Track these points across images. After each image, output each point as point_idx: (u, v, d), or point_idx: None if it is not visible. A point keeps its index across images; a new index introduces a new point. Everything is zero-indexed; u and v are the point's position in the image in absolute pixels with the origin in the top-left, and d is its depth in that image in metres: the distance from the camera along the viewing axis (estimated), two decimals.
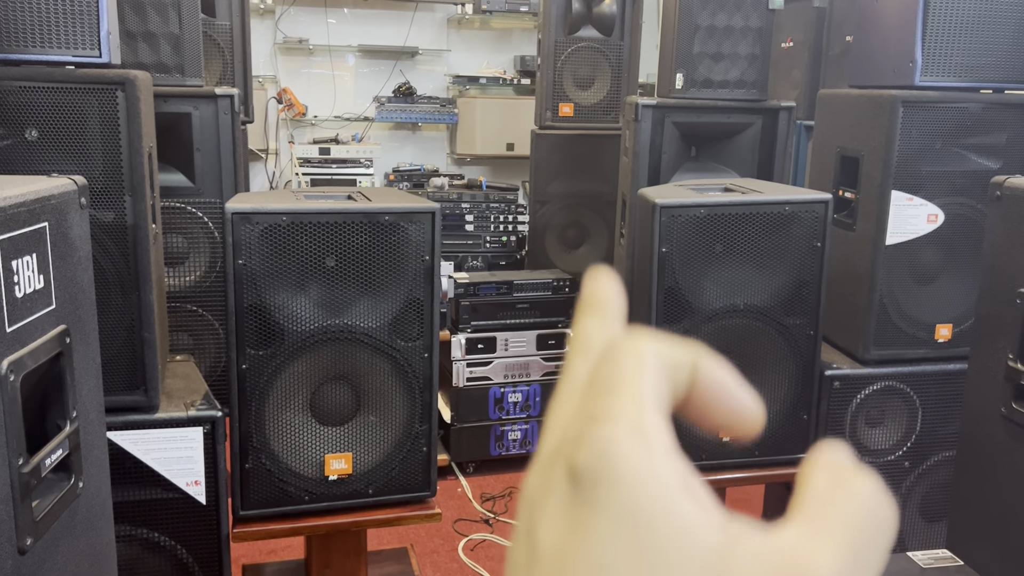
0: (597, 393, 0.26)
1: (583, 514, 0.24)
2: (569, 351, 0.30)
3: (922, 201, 2.12)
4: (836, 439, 0.28)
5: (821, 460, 0.26)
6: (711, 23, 2.67)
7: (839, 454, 0.27)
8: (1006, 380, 1.41)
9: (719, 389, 0.27)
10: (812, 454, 0.27)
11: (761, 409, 0.28)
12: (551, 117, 3.70)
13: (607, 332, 0.30)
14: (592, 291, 0.31)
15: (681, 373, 0.27)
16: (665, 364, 0.26)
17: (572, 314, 2.99)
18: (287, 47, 4.62)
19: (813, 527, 0.24)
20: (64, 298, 1.03)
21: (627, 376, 0.26)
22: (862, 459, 2.18)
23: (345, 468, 1.92)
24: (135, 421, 1.79)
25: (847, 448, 0.27)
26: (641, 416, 0.25)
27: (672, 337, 0.27)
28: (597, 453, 0.24)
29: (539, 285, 3.06)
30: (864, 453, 2.21)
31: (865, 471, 0.26)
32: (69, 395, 1.05)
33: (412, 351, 1.91)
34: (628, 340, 0.27)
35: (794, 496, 0.26)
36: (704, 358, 0.27)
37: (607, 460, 0.24)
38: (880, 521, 0.25)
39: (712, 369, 0.27)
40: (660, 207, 1.96)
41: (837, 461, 0.26)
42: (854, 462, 0.26)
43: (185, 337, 2.61)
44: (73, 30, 1.67)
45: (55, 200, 1.01)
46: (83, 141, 1.68)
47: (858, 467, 0.26)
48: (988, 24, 2.09)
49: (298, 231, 1.80)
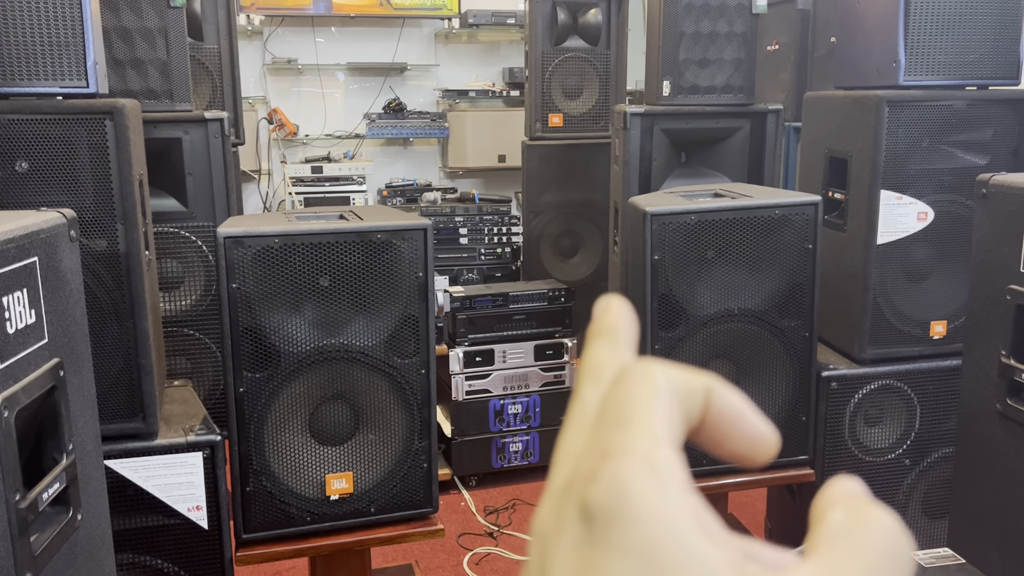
0: (609, 426, 0.25)
1: (597, 554, 0.23)
2: (579, 378, 0.30)
3: (911, 199, 2.13)
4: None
5: (835, 493, 0.26)
6: (696, 29, 2.69)
7: (853, 487, 0.26)
8: (1000, 377, 1.41)
9: (733, 416, 0.27)
10: (825, 488, 0.26)
11: (775, 435, 0.27)
12: (541, 128, 3.72)
13: (618, 359, 0.29)
14: (603, 318, 0.31)
15: (694, 401, 0.26)
16: (678, 392, 0.26)
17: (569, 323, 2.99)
18: (276, 67, 4.64)
19: (830, 565, 0.24)
20: (56, 331, 1.03)
21: (639, 408, 0.25)
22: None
23: (346, 487, 1.92)
24: (134, 448, 1.79)
25: (860, 482, 0.27)
26: (655, 451, 0.24)
27: (682, 366, 0.27)
28: (611, 491, 0.23)
29: (535, 296, 3.07)
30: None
31: (880, 506, 0.26)
32: (65, 428, 1.05)
33: (409, 368, 1.92)
34: (639, 368, 0.26)
35: (809, 532, 0.25)
36: (717, 385, 0.27)
37: (621, 498, 0.23)
38: (899, 557, 0.24)
39: (725, 396, 0.27)
40: (651, 215, 1.97)
41: (852, 494, 0.26)
42: (868, 496, 0.26)
43: (183, 361, 2.61)
44: (59, 61, 1.68)
45: (44, 234, 1.01)
46: (73, 171, 1.69)
47: (873, 501, 0.26)
48: (969, 21, 2.10)
49: (291, 253, 1.81)
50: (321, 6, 4.46)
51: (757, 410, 0.27)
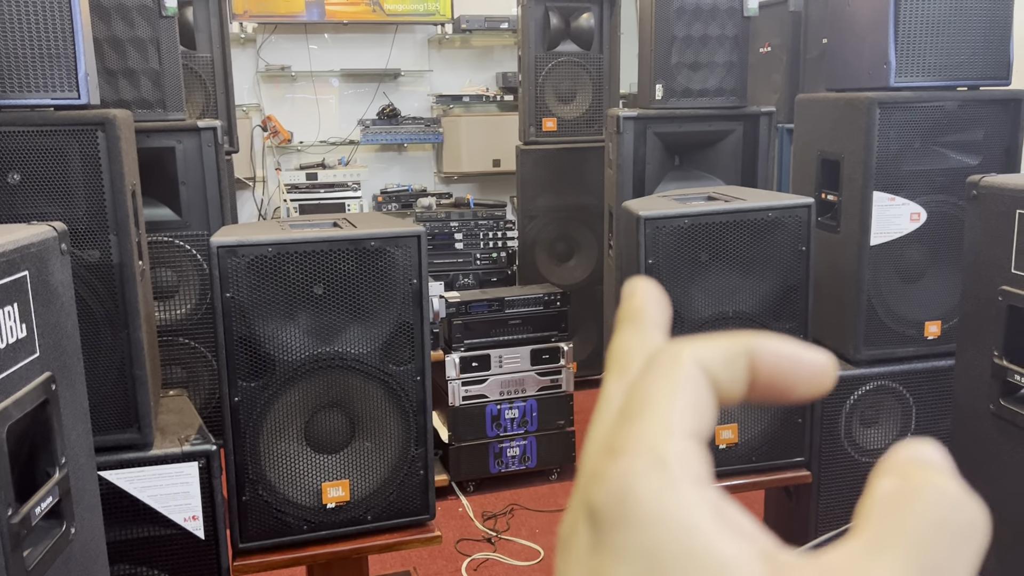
0: (623, 419, 0.24)
1: (603, 561, 0.21)
2: (605, 370, 0.28)
3: (904, 200, 2.13)
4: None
5: (893, 460, 0.23)
6: (687, 33, 2.69)
7: (917, 451, 0.23)
8: (993, 377, 1.41)
9: (785, 365, 0.25)
10: (887, 454, 0.24)
11: (831, 360, 0.26)
12: (535, 132, 3.72)
13: (646, 345, 0.27)
14: (629, 302, 0.29)
15: (736, 369, 0.25)
16: (710, 369, 0.24)
17: (565, 327, 2.98)
18: (269, 75, 4.64)
19: (872, 540, 0.21)
20: (48, 345, 1.03)
21: (656, 398, 0.23)
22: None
23: (343, 495, 1.92)
24: (129, 459, 1.78)
25: (932, 444, 0.23)
26: (664, 444, 0.22)
27: (718, 335, 0.25)
28: (613, 492, 0.22)
29: (531, 300, 3.07)
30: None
31: (943, 469, 0.22)
32: (57, 442, 1.05)
33: (404, 375, 1.92)
34: (666, 353, 0.24)
35: (859, 503, 0.23)
36: (757, 341, 0.25)
37: (622, 499, 0.22)
38: (961, 528, 0.21)
39: (770, 349, 0.25)
40: (644, 219, 1.97)
41: (909, 459, 0.23)
42: (933, 458, 0.23)
43: (178, 370, 2.61)
44: (51, 73, 1.68)
45: (35, 248, 1.01)
46: (65, 182, 1.68)
47: (935, 464, 0.23)
48: (959, 22, 2.11)
49: (284, 261, 1.81)
50: (314, 13, 4.47)
51: (803, 345, 0.26)
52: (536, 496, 3.09)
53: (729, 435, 2.10)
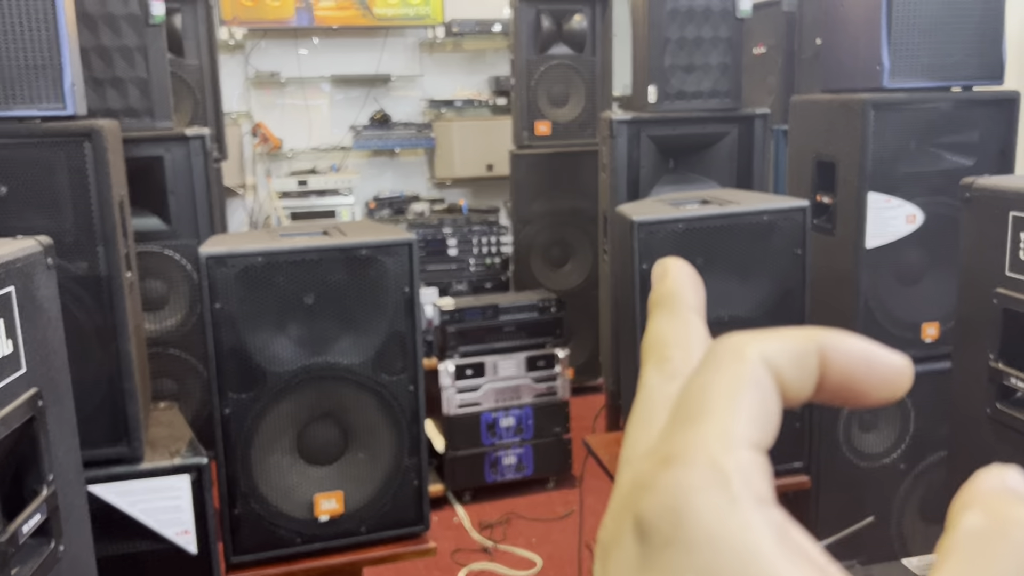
0: (679, 422, 0.22)
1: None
2: (642, 361, 0.26)
3: (900, 202, 2.12)
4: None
5: (977, 491, 0.21)
6: (681, 35, 2.68)
7: (1002, 481, 0.21)
8: (990, 381, 1.40)
9: (859, 364, 0.23)
10: (968, 483, 0.22)
11: (906, 359, 0.24)
12: (528, 136, 3.71)
13: (684, 332, 0.25)
14: (660, 285, 0.27)
15: (806, 367, 0.23)
16: (777, 368, 0.22)
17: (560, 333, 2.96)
18: (259, 81, 4.62)
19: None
20: (34, 361, 1.01)
21: (717, 399, 0.21)
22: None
23: (336, 507, 1.90)
24: (119, 473, 1.76)
25: (1017, 473, 0.22)
26: (726, 455, 0.20)
27: (786, 329, 0.23)
28: (667, 507, 0.20)
29: (525, 307, 3.05)
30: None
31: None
32: (44, 458, 1.03)
33: (397, 384, 1.90)
34: (729, 346, 0.23)
35: (941, 540, 0.21)
36: (829, 338, 0.23)
37: (677, 516, 0.20)
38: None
39: (843, 346, 0.23)
40: (638, 224, 1.95)
41: (996, 492, 0.21)
42: (1019, 490, 0.21)
43: (169, 382, 2.58)
44: (36, 85, 1.65)
45: (20, 263, 0.99)
46: (52, 194, 1.66)
47: (1022, 497, 0.21)
48: (952, 23, 2.10)
49: (274, 271, 1.79)
50: (304, 18, 4.45)
51: (878, 345, 0.24)
52: (533, 505, 3.07)
53: None
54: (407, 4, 4.54)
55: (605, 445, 2.42)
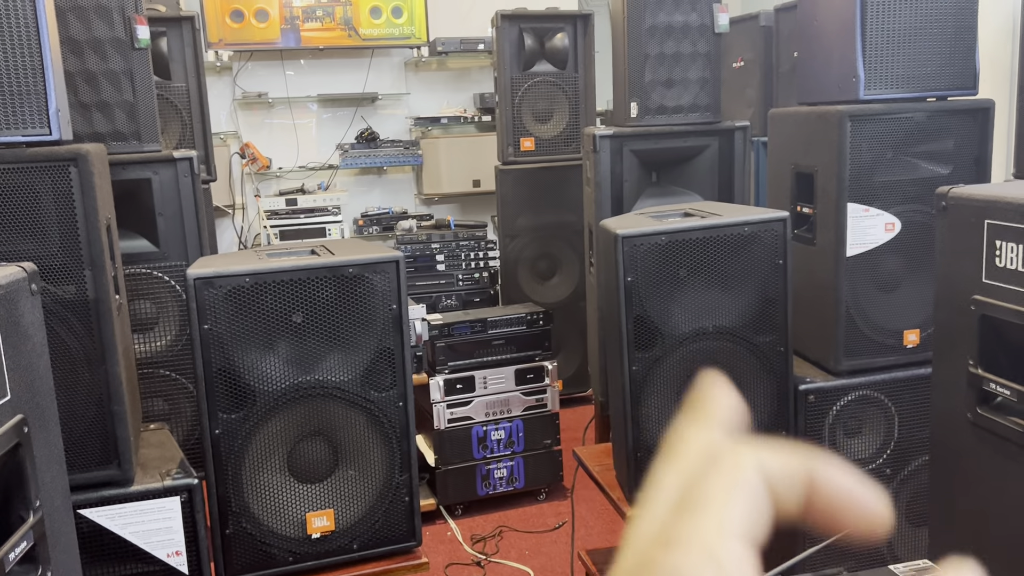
0: (680, 511, 0.24)
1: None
2: (664, 459, 0.28)
3: (878, 211, 2.15)
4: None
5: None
6: (660, 51, 2.72)
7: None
8: (969, 386, 1.42)
9: (841, 493, 0.25)
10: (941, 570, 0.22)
11: (888, 507, 0.26)
12: (513, 152, 3.74)
13: (705, 440, 0.27)
14: (705, 396, 0.29)
15: (792, 485, 0.25)
16: (770, 479, 0.24)
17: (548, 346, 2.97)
18: (246, 102, 4.64)
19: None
20: (19, 387, 1.02)
21: (716, 495, 0.24)
22: None
23: (328, 525, 1.91)
24: (110, 496, 1.76)
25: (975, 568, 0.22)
26: (721, 544, 0.22)
27: (782, 444, 0.25)
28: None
29: (513, 320, 3.07)
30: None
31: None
32: (31, 485, 1.04)
33: (386, 401, 1.91)
34: (731, 452, 0.25)
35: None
36: (820, 464, 0.25)
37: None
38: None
39: (831, 475, 0.25)
40: (621, 238, 1.98)
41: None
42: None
43: (160, 403, 2.58)
44: (22, 110, 1.67)
45: (4, 290, 1.00)
46: (39, 219, 1.67)
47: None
48: (925, 34, 2.14)
49: (262, 291, 1.80)
50: (290, 40, 4.48)
51: (865, 481, 0.26)
52: (525, 517, 3.07)
53: None
54: (392, 24, 4.57)
55: (595, 456, 2.44)
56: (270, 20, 4.41)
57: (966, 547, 1.47)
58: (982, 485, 1.41)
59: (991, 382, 1.40)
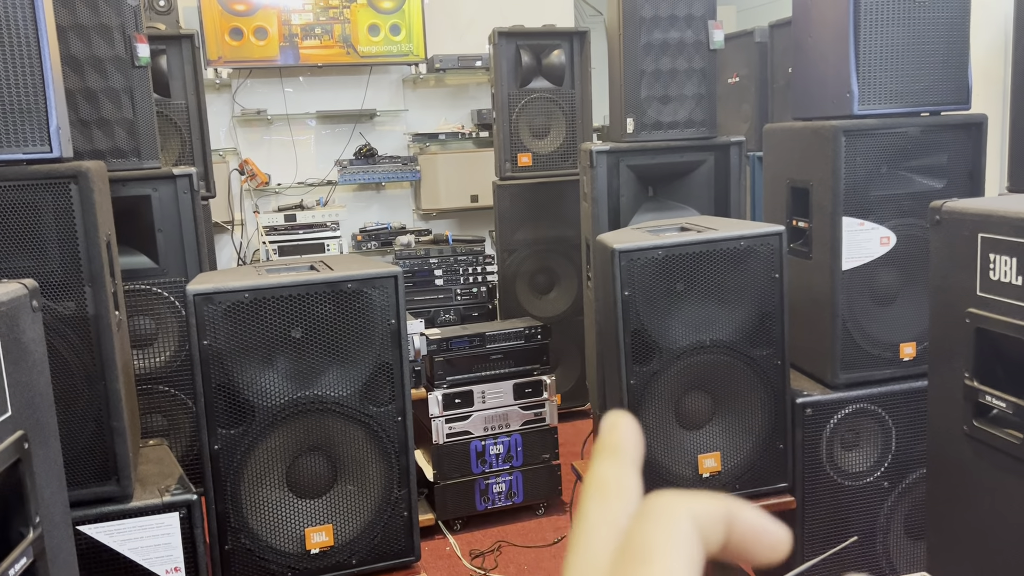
0: (628, 564, 0.26)
1: None
2: (584, 496, 0.30)
3: (873, 225, 2.17)
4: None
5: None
6: (656, 67, 2.74)
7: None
8: (965, 399, 1.43)
9: (753, 533, 0.28)
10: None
11: (788, 536, 0.29)
12: (511, 168, 3.76)
13: (623, 478, 0.30)
14: (609, 435, 0.31)
15: (717, 528, 0.27)
16: (700, 526, 0.27)
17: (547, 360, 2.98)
18: (245, 119, 4.67)
19: None
20: (20, 404, 1.03)
21: (660, 546, 0.26)
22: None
23: (326, 540, 1.90)
24: (109, 512, 1.76)
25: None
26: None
27: (703, 494, 0.28)
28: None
29: (511, 335, 3.07)
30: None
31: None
32: (31, 501, 1.04)
33: (385, 416, 1.91)
34: (663, 505, 0.27)
35: None
36: (736, 508, 0.28)
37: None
38: None
39: (745, 516, 0.28)
40: (619, 252, 1.99)
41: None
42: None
43: (159, 418, 2.58)
44: (22, 128, 1.68)
45: (5, 307, 1.01)
46: (39, 236, 1.68)
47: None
48: (918, 50, 2.16)
49: (261, 306, 1.81)
50: (289, 57, 4.50)
51: (770, 518, 0.29)
52: (524, 532, 3.07)
53: (712, 463, 2.11)
54: (390, 41, 4.61)
55: None
56: (269, 38, 4.44)
57: (964, 560, 1.47)
58: (979, 497, 1.41)
59: (987, 394, 1.41)
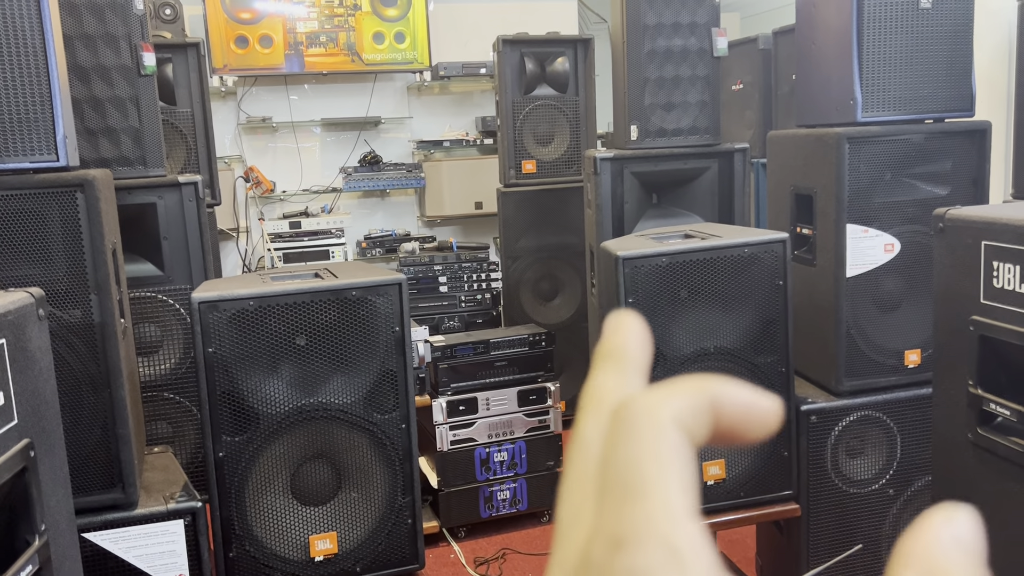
0: (617, 496, 0.21)
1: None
2: (579, 410, 0.26)
3: (877, 232, 2.17)
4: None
5: (918, 548, 0.21)
6: (660, 75, 2.75)
7: (943, 535, 0.21)
8: (969, 407, 1.43)
9: (741, 411, 0.24)
10: (916, 532, 0.21)
11: (776, 402, 0.25)
12: (515, 175, 3.77)
13: (623, 388, 0.26)
14: (611, 339, 0.27)
15: (704, 418, 0.23)
16: (687, 428, 0.23)
17: (551, 367, 2.98)
18: (251, 126, 4.69)
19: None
20: (26, 412, 1.03)
21: (650, 470, 0.21)
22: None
23: (331, 548, 1.91)
24: (114, 519, 1.77)
25: (962, 520, 0.21)
26: (675, 531, 0.20)
27: (681, 382, 0.24)
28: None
29: (515, 341, 3.07)
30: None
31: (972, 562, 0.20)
32: (36, 509, 1.05)
33: (389, 423, 1.92)
34: (642, 410, 0.23)
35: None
36: (717, 389, 0.24)
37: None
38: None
39: (728, 395, 0.24)
40: (622, 259, 1.99)
41: (939, 548, 0.21)
42: (962, 546, 0.21)
43: (164, 426, 2.59)
44: (29, 137, 1.69)
45: (12, 316, 1.02)
46: (46, 244, 1.69)
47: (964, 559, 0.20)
48: (922, 57, 2.16)
49: (266, 314, 1.82)
50: (294, 65, 4.52)
51: (753, 389, 0.25)
52: (528, 539, 3.06)
53: (717, 471, 2.10)
54: (395, 49, 4.62)
55: None
56: (274, 46, 4.46)
57: None
58: (984, 505, 1.41)
59: (991, 402, 1.41)
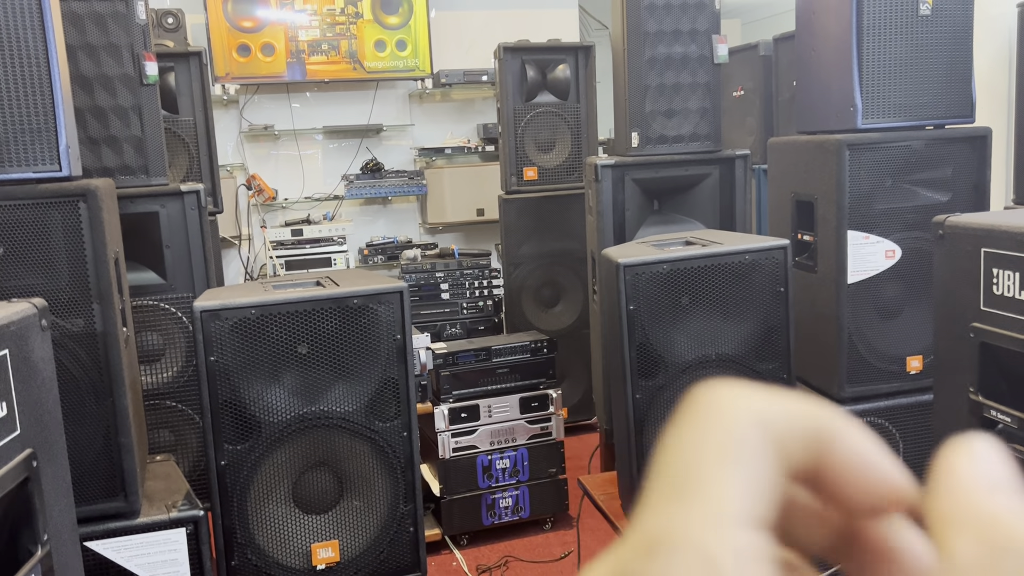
0: (665, 491, 0.18)
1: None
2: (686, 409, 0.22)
3: (878, 238, 2.17)
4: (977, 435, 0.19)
5: (958, 498, 0.19)
6: (660, 82, 2.75)
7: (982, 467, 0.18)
8: (970, 414, 1.43)
9: (853, 459, 0.19)
10: (947, 467, 0.19)
11: (903, 478, 0.20)
12: (516, 182, 3.77)
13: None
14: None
15: (800, 444, 0.19)
16: (778, 436, 0.19)
17: (553, 374, 2.97)
18: (253, 134, 4.70)
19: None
20: (29, 422, 1.04)
21: (707, 465, 0.18)
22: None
23: (332, 556, 1.91)
24: (116, 528, 1.77)
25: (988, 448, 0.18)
26: (716, 540, 0.17)
27: (794, 396, 0.19)
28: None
29: (518, 348, 3.08)
30: None
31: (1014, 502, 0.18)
32: (39, 518, 1.05)
33: (391, 431, 1.92)
34: (715, 398, 0.19)
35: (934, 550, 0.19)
36: (836, 423, 0.19)
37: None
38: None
39: (846, 435, 0.19)
40: (623, 266, 1.99)
41: (980, 496, 0.18)
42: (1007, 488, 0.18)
43: (166, 434, 2.59)
44: (32, 147, 1.70)
45: (15, 326, 1.02)
46: (48, 253, 1.70)
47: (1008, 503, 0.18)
48: (922, 64, 2.17)
49: (268, 322, 1.82)
50: (296, 73, 4.54)
51: (882, 448, 0.20)
52: (530, 547, 3.06)
53: None
54: (397, 57, 4.64)
55: (600, 485, 2.43)
56: (276, 54, 4.48)
57: None
58: None
59: (992, 409, 1.41)
